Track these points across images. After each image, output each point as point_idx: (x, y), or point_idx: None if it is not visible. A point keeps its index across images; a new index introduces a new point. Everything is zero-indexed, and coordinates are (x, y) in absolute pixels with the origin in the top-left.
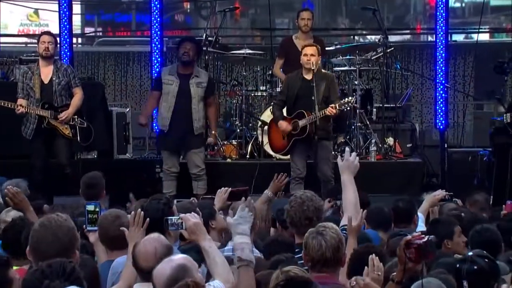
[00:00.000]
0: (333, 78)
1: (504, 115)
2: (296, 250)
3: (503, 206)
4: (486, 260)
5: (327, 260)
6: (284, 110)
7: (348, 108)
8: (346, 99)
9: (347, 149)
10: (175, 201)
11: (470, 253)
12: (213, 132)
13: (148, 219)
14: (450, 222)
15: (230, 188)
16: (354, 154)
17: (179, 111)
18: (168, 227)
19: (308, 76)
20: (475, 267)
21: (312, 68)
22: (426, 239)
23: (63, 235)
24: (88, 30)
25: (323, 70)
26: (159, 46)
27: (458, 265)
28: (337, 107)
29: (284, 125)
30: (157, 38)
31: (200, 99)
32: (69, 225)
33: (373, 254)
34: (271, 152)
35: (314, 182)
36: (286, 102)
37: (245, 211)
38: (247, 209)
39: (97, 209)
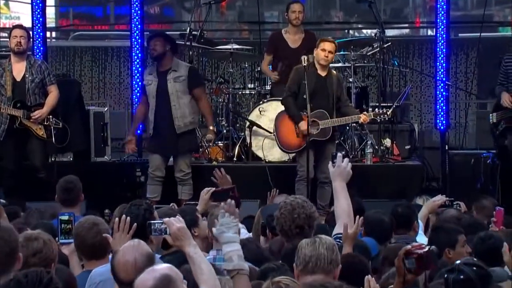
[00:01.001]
0: (341, 77)
1: (491, 115)
2: None
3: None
4: (475, 268)
5: (320, 267)
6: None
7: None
8: (383, 109)
9: (339, 154)
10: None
11: (458, 262)
12: (210, 127)
13: (135, 224)
14: (453, 230)
15: (212, 189)
16: (346, 160)
17: (160, 111)
18: (151, 232)
19: (323, 73)
20: (462, 277)
21: (325, 64)
22: (427, 249)
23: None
24: (63, 23)
25: (333, 71)
26: (139, 40)
27: (446, 275)
28: (372, 116)
29: (305, 126)
30: (137, 32)
31: (180, 95)
32: (7, 238)
33: (369, 276)
34: (269, 157)
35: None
36: (297, 94)
37: (226, 217)
38: (227, 214)
39: (71, 219)
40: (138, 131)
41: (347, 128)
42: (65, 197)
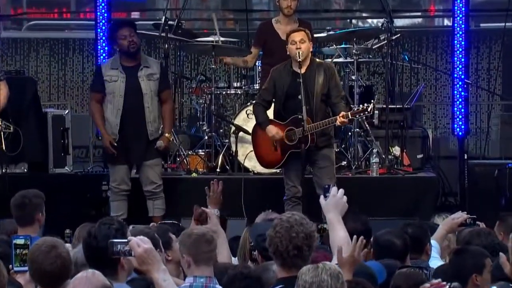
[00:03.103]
0: (333, 70)
1: None
2: (279, 287)
3: None
4: None
5: None
6: (270, 112)
7: (364, 118)
8: (361, 106)
9: (333, 188)
10: (131, 226)
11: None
12: (166, 134)
13: None
14: (480, 253)
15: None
16: (341, 191)
17: (129, 113)
18: (112, 253)
19: (301, 69)
20: None
21: (299, 59)
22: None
23: None
24: (15, 11)
25: (317, 60)
26: (106, 31)
27: None
28: (349, 117)
29: (273, 130)
30: (103, 21)
31: (153, 95)
32: None
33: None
34: (258, 168)
35: (310, 201)
36: (271, 103)
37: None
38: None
39: (27, 243)
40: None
41: (349, 134)
42: (18, 214)
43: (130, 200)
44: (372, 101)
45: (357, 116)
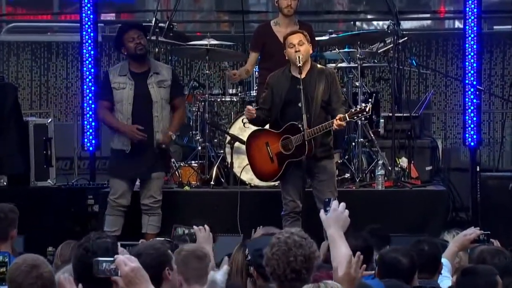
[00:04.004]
0: (334, 76)
1: None
2: None
3: None
4: None
5: None
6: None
7: (363, 119)
8: (359, 106)
9: (334, 201)
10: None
11: None
12: (169, 132)
13: None
14: (490, 272)
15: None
16: (343, 205)
17: (138, 122)
18: (97, 272)
19: (301, 74)
20: None
21: (299, 64)
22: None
23: None
24: None
25: (318, 65)
26: (92, 34)
27: None
28: (347, 119)
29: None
30: (89, 23)
31: (164, 103)
32: None
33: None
34: (255, 180)
35: (310, 215)
36: (269, 112)
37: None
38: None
39: (5, 260)
40: (91, 148)
41: (353, 144)
42: None
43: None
44: (370, 100)
45: (355, 117)
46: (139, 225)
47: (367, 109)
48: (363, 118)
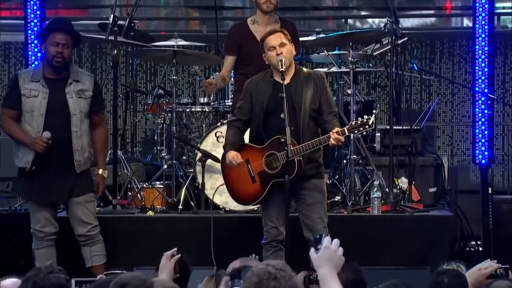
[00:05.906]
0: (324, 80)
1: None
2: None
3: None
4: None
5: None
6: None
7: (364, 133)
8: (360, 119)
9: (326, 238)
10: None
11: None
12: (99, 171)
13: None
14: None
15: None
16: (336, 242)
17: (53, 137)
18: None
19: (285, 80)
20: None
21: (282, 69)
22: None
23: None
24: None
25: (305, 69)
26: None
27: None
28: (346, 133)
29: (230, 155)
30: (35, 20)
31: (83, 117)
32: None
33: None
34: (231, 204)
35: (295, 245)
36: (248, 123)
37: None
38: None
39: None
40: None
41: (344, 161)
42: None
43: (59, 246)
44: (374, 111)
45: (356, 131)
46: (81, 258)
47: (370, 122)
48: (364, 133)
